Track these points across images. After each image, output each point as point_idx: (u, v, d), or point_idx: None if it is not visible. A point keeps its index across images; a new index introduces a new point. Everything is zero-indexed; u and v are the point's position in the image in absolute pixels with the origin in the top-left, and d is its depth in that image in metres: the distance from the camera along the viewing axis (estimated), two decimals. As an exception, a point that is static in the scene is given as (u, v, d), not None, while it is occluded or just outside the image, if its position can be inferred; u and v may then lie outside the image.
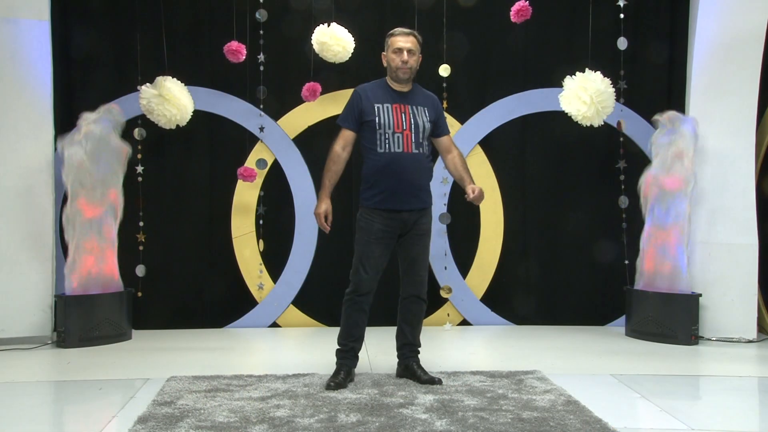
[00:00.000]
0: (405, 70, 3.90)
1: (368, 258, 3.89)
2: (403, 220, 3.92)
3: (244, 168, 5.62)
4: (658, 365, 4.57)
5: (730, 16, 5.38)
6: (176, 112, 5.29)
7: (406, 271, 4.02)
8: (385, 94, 3.95)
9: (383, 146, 3.87)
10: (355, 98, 3.97)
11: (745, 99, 5.38)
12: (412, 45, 3.92)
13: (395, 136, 3.87)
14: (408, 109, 3.93)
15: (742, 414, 3.61)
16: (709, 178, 5.40)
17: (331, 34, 5.28)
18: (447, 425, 3.23)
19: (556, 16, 5.99)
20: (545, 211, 6.10)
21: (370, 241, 3.90)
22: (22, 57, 5.16)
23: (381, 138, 3.87)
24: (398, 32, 3.95)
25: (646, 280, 5.41)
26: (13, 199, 5.14)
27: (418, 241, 3.98)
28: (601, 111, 5.24)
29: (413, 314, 4.05)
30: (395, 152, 3.86)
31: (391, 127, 3.87)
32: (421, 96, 4.03)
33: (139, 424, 3.23)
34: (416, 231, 3.97)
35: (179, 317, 5.84)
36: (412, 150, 3.89)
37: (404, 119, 3.90)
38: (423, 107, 3.97)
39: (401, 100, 3.94)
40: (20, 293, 5.14)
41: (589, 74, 5.26)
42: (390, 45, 3.95)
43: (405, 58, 3.88)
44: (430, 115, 3.98)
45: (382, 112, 3.89)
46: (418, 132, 3.91)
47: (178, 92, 5.33)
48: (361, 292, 3.90)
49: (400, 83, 3.95)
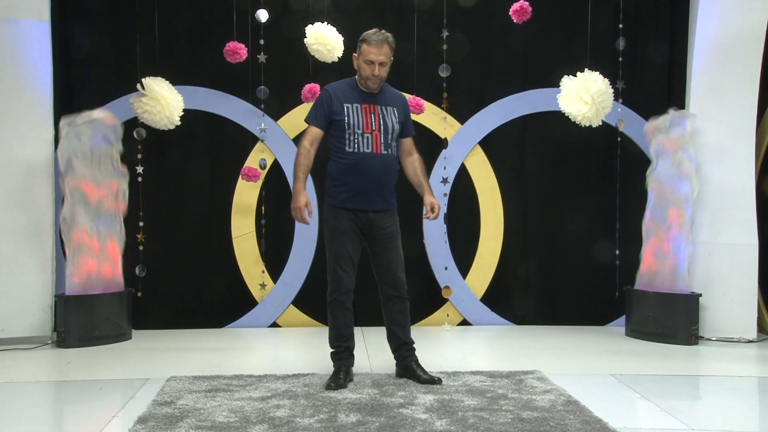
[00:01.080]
0: (375, 81, 3.89)
1: (342, 255, 3.91)
2: (368, 220, 3.93)
3: (248, 168, 5.62)
4: (658, 365, 4.57)
5: (730, 16, 5.38)
6: (158, 107, 5.27)
7: (383, 275, 4.02)
8: (354, 94, 3.94)
9: (352, 146, 3.87)
10: (325, 97, 3.96)
11: (745, 99, 5.39)
12: (385, 57, 3.87)
13: (364, 137, 3.87)
14: (377, 110, 3.92)
15: (742, 414, 3.61)
16: (709, 178, 5.40)
17: (313, 33, 5.24)
18: (447, 425, 3.23)
19: (556, 16, 6.00)
20: (545, 211, 6.10)
21: (341, 239, 3.92)
22: (22, 57, 5.16)
23: (350, 138, 3.87)
24: (371, 40, 3.88)
25: (646, 280, 5.41)
26: (13, 199, 5.14)
27: (386, 244, 3.98)
28: (600, 111, 5.24)
29: (400, 314, 4.04)
30: (364, 152, 3.86)
31: (360, 128, 3.87)
32: (390, 96, 4.02)
33: (139, 424, 3.23)
34: (383, 234, 3.96)
35: (179, 317, 5.84)
36: (381, 151, 3.89)
37: (373, 120, 3.90)
38: (392, 107, 3.97)
39: (371, 100, 3.94)
40: (20, 293, 5.14)
41: (589, 74, 5.26)
42: (362, 53, 3.90)
43: (376, 72, 3.87)
44: (399, 116, 3.98)
45: (352, 112, 3.89)
46: (387, 133, 3.91)
47: (161, 89, 5.31)
48: (342, 291, 3.91)
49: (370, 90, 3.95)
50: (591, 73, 5.27)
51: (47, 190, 5.25)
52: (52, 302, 5.22)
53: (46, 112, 5.24)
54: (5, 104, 5.12)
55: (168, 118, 5.34)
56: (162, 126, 5.38)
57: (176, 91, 5.44)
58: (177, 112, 5.40)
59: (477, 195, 6.00)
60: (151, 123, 5.37)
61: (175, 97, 5.40)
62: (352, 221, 3.92)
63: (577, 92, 5.20)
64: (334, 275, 3.93)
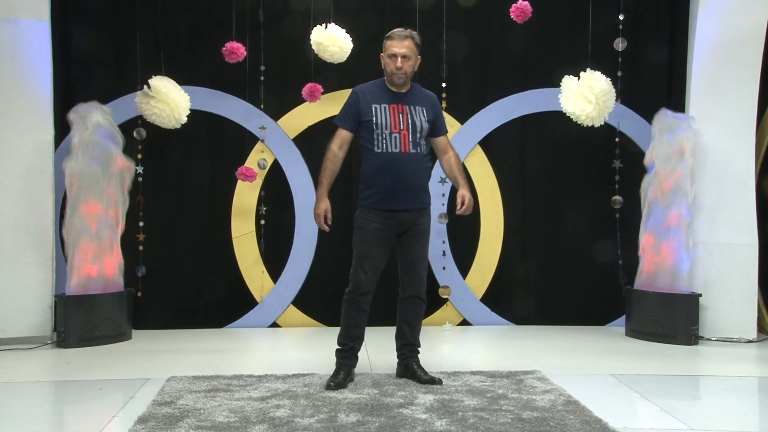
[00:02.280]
0: (399, 75, 3.89)
1: (367, 258, 3.89)
2: (400, 220, 3.92)
3: (245, 168, 5.62)
4: (658, 365, 4.57)
5: (730, 16, 5.38)
6: (167, 110, 5.28)
7: (406, 271, 4.02)
8: (382, 95, 3.94)
9: (380, 146, 3.87)
10: (353, 98, 3.97)
11: (745, 99, 5.38)
12: (408, 50, 3.88)
13: (392, 137, 3.87)
14: (405, 109, 3.92)
15: (742, 414, 3.61)
16: (709, 178, 5.40)
17: (328, 35, 5.28)
18: (447, 425, 3.23)
19: (556, 16, 5.99)
20: (545, 211, 6.10)
21: (368, 241, 3.90)
22: (22, 57, 5.16)
23: (378, 138, 3.87)
24: (395, 35, 3.92)
25: (646, 280, 5.41)
26: (13, 199, 5.14)
27: (416, 240, 3.98)
28: (604, 111, 5.26)
29: (413, 314, 4.05)
30: (392, 152, 3.86)
31: (388, 128, 3.87)
32: (419, 95, 4.02)
33: (139, 424, 3.23)
34: (414, 231, 3.97)
35: (179, 317, 5.84)
36: (410, 150, 3.88)
37: (401, 119, 3.90)
38: (421, 107, 3.97)
39: (399, 100, 3.94)
40: (20, 293, 5.14)
41: (592, 74, 5.27)
42: (386, 49, 3.93)
43: (399, 65, 3.87)
44: (428, 114, 3.97)
45: (380, 113, 3.89)
46: (415, 132, 3.90)
47: (169, 90, 5.31)
48: (360, 292, 3.90)
49: (396, 87, 3.95)
50: (593, 72, 5.28)
51: (47, 190, 5.25)
52: (52, 302, 5.22)
53: (46, 112, 5.24)
54: (5, 104, 5.12)
55: (176, 119, 5.35)
56: (170, 126, 5.39)
57: (183, 90, 5.44)
58: (184, 112, 5.40)
59: (477, 195, 6.00)
60: (158, 123, 5.38)
61: (182, 96, 5.40)
62: (384, 224, 3.90)
63: (581, 91, 5.21)
64: (355, 276, 3.92)
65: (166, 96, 5.27)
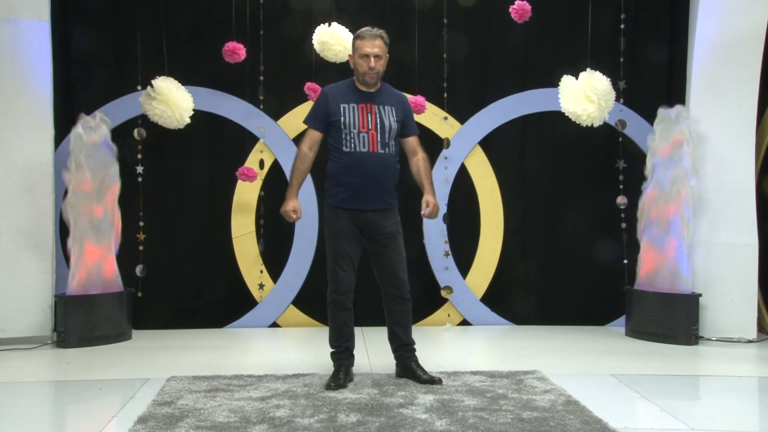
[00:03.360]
0: (372, 75, 3.90)
1: (342, 256, 3.91)
2: (367, 220, 3.92)
3: (245, 168, 5.62)
4: (658, 365, 4.57)
5: (730, 16, 5.37)
6: (169, 111, 5.28)
7: (386, 276, 4.01)
8: (351, 94, 3.94)
9: (349, 146, 3.87)
10: (322, 99, 3.97)
11: (745, 99, 5.38)
12: (379, 49, 3.89)
13: (360, 136, 3.87)
14: (374, 109, 3.92)
15: (742, 414, 3.61)
16: (709, 178, 5.40)
17: (332, 33, 5.28)
18: (447, 425, 3.23)
19: (556, 16, 5.99)
20: (545, 211, 6.11)
21: (340, 239, 3.91)
22: (22, 57, 5.16)
23: (346, 137, 3.88)
24: (365, 35, 3.92)
25: (646, 280, 5.41)
26: (13, 199, 5.14)
27: (388, 244, 3.97)
28: (604, 110, 5.27)
29: (401, 314, 4.04)
30: (361, 152, 3.87)
31: (356, 127, 3.87)
32: (389, 96, 4.02)
33: (139, 424, 3.23)
34: (383, 234, 3.95)
35: (179, 317, 5.84)
36: (378, 150, 3.89)
37: (370, 119, 3.90)
38: (391, 107, 3.97)
39: (368, 99, 3.94)
40: (20, 293, 5.14)
41: (593, 73, 5.27)
42: (357, 49, 3.93)
43: (372, 65, 3.87)
44: (397, 115, 3.98)
45: (348, 112, 3.89)
46: (384, 132, 3.91)
47: (172, 91, 5.31)
48: (341, 291, 3.91)
49: (367, 86, 3.95)
50: (593, 72, 5.28)
51: (47, 190, 5.25)
52: (52, 302, 5.22)
53: (46, 113, 5.24)
54: (5, 104, 5.12)
55: (178, 120, 5.35)
56: (173, 126, 5.39)
57: (185, 91, 5.43)
58: (187, 112, 5.39)
59: (477, 195, 6.00)
60: (162, 124, 5.38)
61: (185, 97, 5.39)
62: (351, 221, 3.92)
63: (584, 91, 5.21)
64: (333, 275, 3.93)
65: (168, 97, 5.27)
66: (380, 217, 3.95)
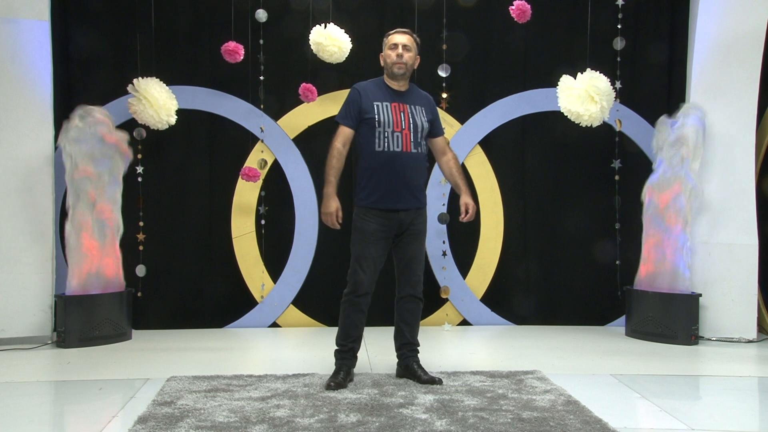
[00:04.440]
0: (400, 65, 3.90)
1: (365, 258, 3.88)
2: (399, 220, 3.92)
3: (247, 168, 5.62)
4: (658, 365, 4.57)
5: (730, 16, 5.38)
6: (143, 108, 5.29)
7: (403, 270, 4.01)
8: (383, 93, 3.95)
9: (382, 145, 3.87)
10: (354, 95, 3.96)
11: (745, 99, 5.39)
12: (408, 42, 3.95)
13: (395, 135, 3.87)
14: (407, 108, 3.93)
15: (742, 414, 3.61)
16: (709, 178, 5.40)
17: (327, 34, 5.28)
18: (447, 425, 3.23)
19: (556, 16, 6.00)
20: (545, 211, 6.11)
21: (366, 241, 3.89)
22: (22, 57, 5.16)
23: (380, 136, 3.87)
24: (394, 30, 4.00)
25: (646, 280, 5.41)
26: (13, 199, 5.14)
27: (413, 240, 3.98)
28: (605, 111, 5.29)
29: (411, 313, 4.04)
30: (394, 151, 3.86)
31: (390, 126, 3.87)
32: (417, 96, 4.04)
33: (139, 424, 3.23)
34: (412, 230, 3.97)
35: (179, 317, 5.85)
36: (411, 149, 3.89)
37: (403, 118, 3.90)
38: (420, 107, 3.98)
39: (399, 99, 3.95)
40: (20, 293, 5.14)
41: (594, 73, 5.28)
42: (386, 42, 3.98)
43: (400, 52, 3.90)
44: (427, 114, 3.99)
45: (382, 111, 3.89)
46: (416, 131, 3.91)
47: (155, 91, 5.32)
48: (359, 293, 3.89)
49: (396, 80, 3.95)
50: (594, 72, 5.29)
51: (47, 190, 5.25)
52: (52, 302, 5.22)
53: (46, 112, 5.24)
54: (5, 104, 5.12)
55: (152, 117, 5.33)
56: (154, 124, 5.38)
57: (167, 89, 5.44)
58: (165, 110, 5.37)
59: (477, 195, 6.00)
60: (144, 122, 5.39)
61: (165, 95, 5.38)
62: (382, 224, 3.89)
63: (587, 91, 5.21)
64: (354, 276, 3.91)
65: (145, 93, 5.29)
66: (412, 215, 3.95)
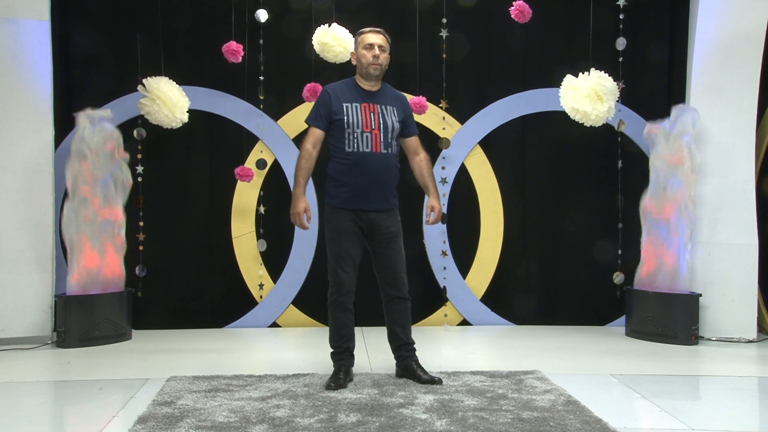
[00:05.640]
0: (376, 66, 3.91)
1: (343, 256, 3.90)
2: (369, 220, 3.92)
3: (241, 168, 5.63)
4: (658, 365, 4.57)
5: (730, 16, 5.38)
6: (157, 108, 5.29)
7: (385, 275, 4.01)
8: (354, 93, 3.95)
9: (351, 145, 3.87)
10: (324, 97, 3.97)
11: (745, 99, 5.38)
12: (383, 42, 3.95)
13: (364, 136, 3.87)
14: (377, 109, 3.93)
15: (742, 414, 3.61)
16: (709, 178, 5.40)
17: (332, 34, 5.29)
18: (447, 425, 3.23)
19: (556, 16, 6.00)
20: (545, 211, 6.11)
21: (342, 239, 3.91)
22: (22, 57, 5.16)
23: (349, 137, 3.87)
24: (368, 30, 3.99)
25: (646, 280, 5.41)
26: (13, 199, 5.14)
27: (388, 244, 3.97)
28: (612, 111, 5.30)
29: (401, 314, 4.04)
30: (363, 152, 3.86)
31: (359, 127, 3.87)
32: (389, 95, 4.03)
33: (139, 424, 3.23)
34: (384, 234, 3.96)
35: (179, 317, 5.84)
36: (381, 150, 3.89)
37: (373, 119, 3.90)
38: (392, 107, 3.98)
39: (370, 99, 3.95)
40: (20, 293, 5.14)
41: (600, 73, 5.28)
42: (360, 42, 3.97)
43: (376, 53, 3.90)
44: (398, 115, 3.99)
45: (351, 111, 3.89)
46: (386, 132, 3.91)
47: (168, 90, 5.32)
48: (342, 292, 3.91)
49: (370, 80, 3.95)
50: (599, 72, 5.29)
51: (47, 190, 5.25)
52: (52, 302, 5.22)
53: (46, 112, 5.24)
54: (5, 104, 5.12)
55: (167, 116, 5.34)
56: (168, 123, 5.38)
57: (178, 87, 5.44)
58: (179, 108, 5.38)
59: (477, 195, 6.00)
60: (156, 122, 5.38)
61: (177, 93, 5.39)
62: (353, 221, 3.92)
63: (595, 91, 5.21)
64: (334, 276, 3.93)
65: (157, 92, 5.29)
66: (382, 216, 3.95)
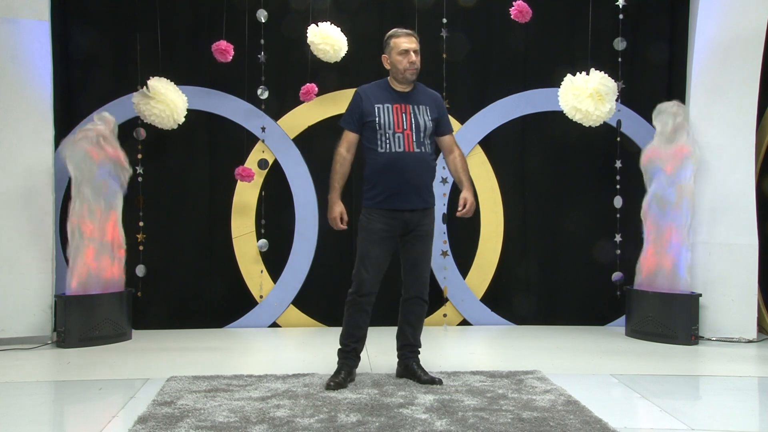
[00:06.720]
0: (413, 71, 3.91)
1: (369, 258, 3.88)
2: (405, 220, 3.91)
3: (242, 168, 5.63)
4: (658, 365, 4.57)
5: (730, 16, 5.38)
6: (165, 109, 5.31)
7: (409, 271, 4.01)
8: (385, 95, 3.95)
9: (384, 146, 3.87)
10: (356, 99, 3.97)
11: (745, 99, 5.38)
12: (417, 46, 3.95)
13: (396, 136, 3.87)
14: (409, 109, 3.92)
15: (742, 414, 3.61)
16: (709, 177, 5.40)
17: (319, 33, 5.27)
18: (447, 425, 3.23)
19: (556, 16, 6.00)
20: (545, 211, 6.10)
21: (370, 241, 3.89)
22: (22, 57, 5.15)
23: (381, 138, 3.87)
24: (400, 33, 3.97)
25: (646, 280, 5.41)
26: (13, 200, 5.14)
27: (419, 241, 3.97)
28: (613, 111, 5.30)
29: (415, 315, 4.05)
30: (396, 152, 3.86)
31: (391, 127, 3.87)
32: (422, 95, 4.02)
33: (139, 424, 3.23)
34: (418, 232, 3.96)
35: (179, 317, 5.84)
36: (414, 149, 3.88)
37: (404, 119, 3.90)
38: (425, 106, 3.97)
39: (402, 99, 3.94)
40: (20, 293, 5.14)
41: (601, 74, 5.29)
42: (393, 47, 3.94)
43: (413, 59, 3.90)
44: (432, 113, 3.97)
45: (383, 113, 3.89)
46: (419, 131, 3.90)
47: (165, 90, 5.34)
48: (362, 293, 3.89)
49: (406, 84, 3.95)
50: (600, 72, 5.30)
51: (47, 190, 5.25)
52: (52, 302, 5.22)
53: (46, 113, 5.24)
54: (5, 104, 5.12)
55: (175, 120, 5.39)
56: (168, 126, 5.41)
57: (180, 92, 5.46)
58: (182, 112, 5.44)
59: (477, 195, 5.99)
60: (156, 124, 5.40)
61: (180, 97, 5.44)
62: (387, 224, 3.89)
63: (597, 91, 5.22)
64: (358, 276, 3.91)
65: (165, 97, 5.30)
66: (418, 215, 3.94)
